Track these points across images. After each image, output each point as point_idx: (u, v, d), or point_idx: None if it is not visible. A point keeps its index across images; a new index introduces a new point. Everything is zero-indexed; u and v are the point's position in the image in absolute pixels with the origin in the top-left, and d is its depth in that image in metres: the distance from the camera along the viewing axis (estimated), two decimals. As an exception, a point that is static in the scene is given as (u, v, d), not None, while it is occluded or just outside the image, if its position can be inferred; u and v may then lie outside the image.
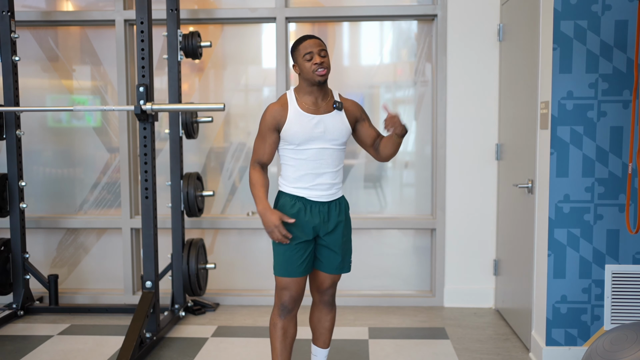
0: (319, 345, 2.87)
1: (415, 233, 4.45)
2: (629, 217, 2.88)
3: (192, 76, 4.48)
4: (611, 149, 3.03)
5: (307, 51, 2.55)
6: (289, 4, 4.29)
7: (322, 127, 2.58)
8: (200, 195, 4.15)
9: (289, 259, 2.62)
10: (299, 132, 2.56)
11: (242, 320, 4.03)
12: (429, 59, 4.34)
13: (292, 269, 2.62)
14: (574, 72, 3.02)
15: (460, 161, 4.21)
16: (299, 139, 2.57)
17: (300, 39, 2.61)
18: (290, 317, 2.69)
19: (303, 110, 2.58)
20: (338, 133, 2.60)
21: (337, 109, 2.62)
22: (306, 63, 2.55)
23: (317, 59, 2.53)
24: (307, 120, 2.57)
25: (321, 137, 2.58)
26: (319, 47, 2.56)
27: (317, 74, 2.53)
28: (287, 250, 2.62)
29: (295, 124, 2.57)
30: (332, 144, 2.60)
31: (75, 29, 4.51)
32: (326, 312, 2.82)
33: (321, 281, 2.75)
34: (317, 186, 2.61)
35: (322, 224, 2.63)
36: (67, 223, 4.47)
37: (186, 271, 4.03)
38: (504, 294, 4.02)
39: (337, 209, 2.68)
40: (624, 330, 2.45)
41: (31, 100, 4.46)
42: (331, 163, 2.61)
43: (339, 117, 2.62)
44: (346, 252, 2.73)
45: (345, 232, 2.71)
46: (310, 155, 2.59)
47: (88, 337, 3.71)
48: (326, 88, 2.64)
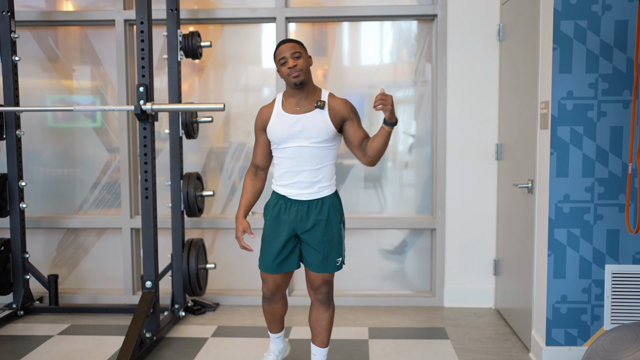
0: (318, 345, 2.90)
1: (415, 233, 4.45)
2: (629, 217, 2.88)
3: (192, 76, 4.48)
4: (611, 149, 3.03)
5: (281, 57, 2.66)
6: (289, 4, 4.29)
7: (301, 125, 2.66)
8: (200, 195, 4.15)
9: (266, 255, 2.79)
10: (278, 131, 2.69)
11: (242, 320, 4.03)
12: (429, 59, 4.34)
13: (267, 265, 2.79)
14: (574, 72, 3.02)
15: (460, 161, 4.21)
16: (279, 138, 2.69)
17: (277, 45, 2.72)
18: (273, 302, 2.92)
19: (284, 111, 2.71)
20: (317, 131, 2.66)
21: (319, 107, 2.67)
22: (282, 68, 2.67)
23: (290, 62, 2.63)
24: (287, 119, 2.69)
25: (298, 135, 2.66)
26: (291, 51, 2.64)
27: (291, 77, 2.63)
28: (266, 246, 2.79)
29: (276, 123, 2.71)
30: (310, 142, 2.67)
31: (75, 29, 4.51)
32: (322, 310, 2.86)
33: (311, 279, 2.82)
34: (295, 184, 2.70)
35: (300, 222, 2.71)
36: (67, 223, 4.47)
37: (186, 271, 4.03)
38: (504, 294, 4.02)
39: (317, 208, 2.72)
40: (623, 330, 2.45)
41: (31, 100, 4.46)
42: (310, 161, 2.68)
43: (320, 116, 2.68)
44: (330, 251, 2.74)
45: (326, 231, 2.73)
46: (289, 153, 2.69)
47: (88, 337, 3.71)
48: (310, 88, 2.71)
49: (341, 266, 2.81)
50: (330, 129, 2.68)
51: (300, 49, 2.66)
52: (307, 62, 2.68)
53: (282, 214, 2.73)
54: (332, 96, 2.74)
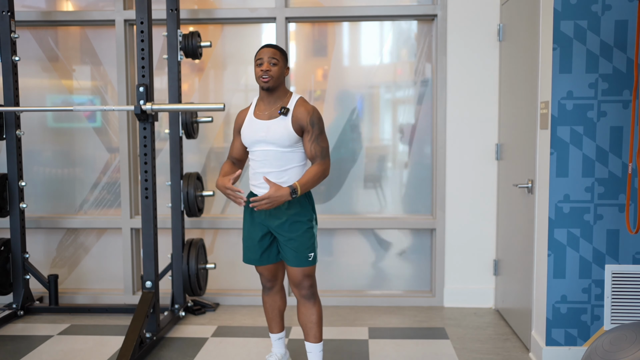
0: (311, 341, 2.94)
1: (415, 233, 4.45)
2: (629, 217, 2.88)
3: (192, 76, 4.48)
4: (611, 149, 3.03)
5: (259, 57, 2.78)
6: (289, 4, 4.29)
7: (265, 131, 2.78)
8: (200, 195, 4.15)
9: (248, 251, 2.97)
10: (247, 135, 2.84)
11: (242, 320, 4.03)
12: (429, 59, 4.34)
13: (253, 259, 2.97)
14: (574, 72, 3.03)
15: (460, 161, 4.21)
16: (247, 141, 2.85)
17: (261, 47, 2.83)
18: (273, 292, 3.08)
19: (254, 116, 2.86)
20: (279, 137, 2.76)
21: (282, 114, 2.77)
22: (256, 68, 2.79)
23: (264, 66, 2.75)
24: (255, 124, 2.83)
25: (263, 140, 2.79)
26: (270, 55, 2.76)
27: (261, 79, 2.76)
28: (247, 243, 2.96)
29: (246, 127, 2.86)
30: (274, 146, 2.78)
31: (75, 29, 4.51)
32: (309, 306, 2.93)
33: (291, 274, 2.90)
34: (262, 184, 2.81)
35: (268, 220, 2.85)
36: (67, 223, 4.47)
37: (186, 271, 4.03)
38: (504, 294, 4.02)
39: (284, 206, 2.81)
40: (623, 330, 2.45)
41: (31, 100, 4.46)
42: (275, 164, 2.79)
43: (283, 123, 2.78)
44: (299, 246, 2.84)
45: (294, 227, 2.83)
46: (256, 155, 2.83)
47: (88, 337, 3.71)
48: (279, 94, 2.83)
49: (314, 261, 2.88)
50: (291, 136, 2.77)
51: (279, 57, 2.78)
52: (281, 71, 2.79)
53: (254, 212, 2.88)
54: (300, 102, 2.82)
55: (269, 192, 2.70)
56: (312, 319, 2.92)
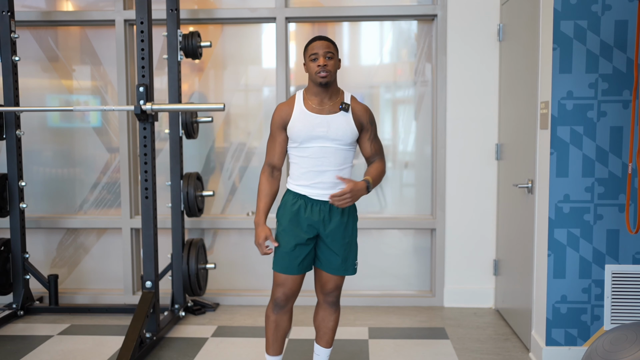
0: (322, 345, 2.88)
1: (415, 233, 4.45)
2: (629, 217, 2.88)
3: (192, 76, 4.48)
4: (611, 149, 3.03)
5: (313, 52, 2.60)
6: (289, 4, 4.29)
7: (325, 126, 2.61)
8: (200, 195, 4.15)
9: (287, 257, 2.67)
10: (301, 130, 2.61)
11: (242, 320, 4.03)
12: (429, 59, 4.34)
13: (290, 267, 2.67)
14: (574, 72, 3.03)
15: (460, 161, 4.21)
16: (301, 136, 2.62)
17: (311, 39, 2.65)
18: (283, 312, 2.76)
19: (307, 110, 2.64)
20: (342, 133, 2.62)
21: (344, 110, 2.63)
22: (311, 64, 2.61)
23: (320, 60, 2.57)
24: (311, 119, 2.62)
25: (324, 136, 2.61)
26: (325, 49, 2.59)
27: (319, 76, 2.58)
28: (286, 248, 2.66)
29: (298, 121, 2.62)
30: (335, 143, 2.62)
31: (75, 29, 4.51)
32: (330, 312, 2.84)
33: (324, 282, 2.76)
34: (318, 184, 2.63)
35: (322, 223, 2.65)
36: (67, 223, 4.47)
37: (186, 271, 4.03)
38: (504, 294, 4.02)
39: (339, 209, 2.66)
40: (623, 330, 2.45)
41: (31, 100, 4.46)
42: (334, 162, 2.63)
43: (345, 118, 2.64)
44: (349, 254, 2.72)
45: (346, 234, 2.70)
46: (311, 152, 2.62)
47: (88, 337, 3.71)
48: (334, 89, 2.67)
49: (356, 270, 2.77)
50: (354, 132, 2.66)
51: (334, 50, 2.62)
52: (336, 64, 2.63)
53: (302, 213, 2.65)
54: (354, 99, 2.72)
55: (349, 187, 2.53)
56: (329, 325, 2.85)
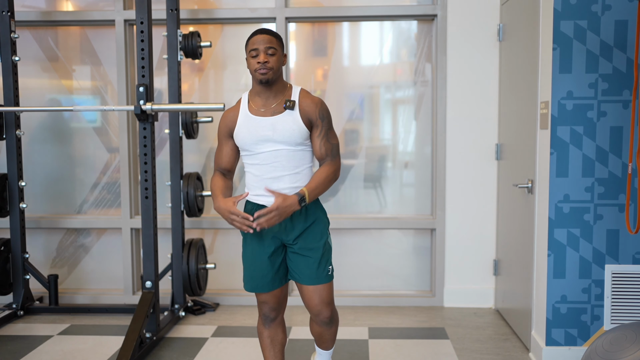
0: (323, 349, 2.81)
1: (415, 233, 4.45)
2: (628, 217, 2.88)
3: (192, 76, 4.48)
4: (611, 149, 3.03)
5: (253, 47, 2.40)
6: (289, 4, 4.29)
7: (270, 129, 2.41)
8: (200, 195, 4.15)
9: (256, 275, 2.51)
10: (246, 136, 2.44)
11: (242, 320, 4.03)
12: (429, 59, 4.34)
13: (261, 285, 2.52)
14: (574, 72, 3.02)
15: (460, 161, 4.21)
16: (248, 143, 2.44)
17: (252, 34, 2.44)
18: (275, 324, 2.64)
19: (251, 113, 2.46)
20: (289, 134, 2.41)
21: (288, 108, 2.42)
22: (251, 60, 2.41)
23: (261, 57, 2.37)
24: (255, 123, 2.43)
25: (270, 139, 2.41)
26: (266, 44, 2.38)
27: (258, 73, 2.38)
28: (254, 265, 2.51)
29: (243, 128, 2.45)
30: (284, 145, 2.42)
31: (75, 29, 4.51)
32: (326, 328, 2.66)
33: (307, 298, 2.54)
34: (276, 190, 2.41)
35: (284, 231, 2.46)
36: (67, 223, 4.47)
37: (186, 271, 4.03)
38: (504, 294, 4.02)
39: (302, 215, 2.46)
40: (623, 330, 2.45)
41: (31, 100, 4.46)
42: (287, 165, 2.43)
43: (291, 117, 2.42)
44: (319, 260, 2.49)
45: (314, 239, 2.49)
46: (262, 158, 2.44)
47: (88, 337, 3.71)
48: (279, 86, 2.46)
49: (332, 275, 2.55)
50: (303, 131, 2.43)
51: (277, 44, 2.41)
52: (280, 61, 2.42)
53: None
54: (304, 94, 2.48)
55: (275, 203, 2.31)
56: (326, 337, 2.70)
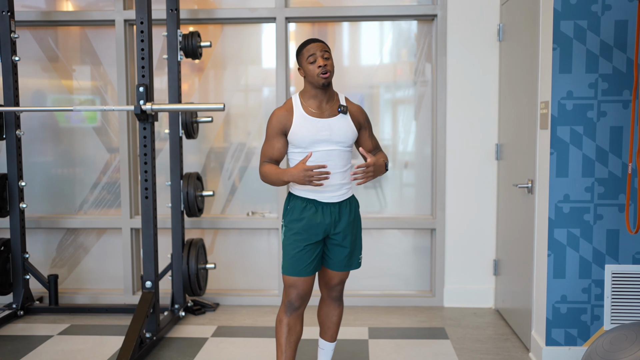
0: (327, 339, 2.94)
1: (415, 233, 4.45)
2: (628, 217, 2.88)
3: (192, 76, 4.48)
4: (611, 149, 3.03)
5: (310, 53, 2.62)
6: (289, 4, 4.29)
7: (328, 130, 2.64)
8: (200, 195, 4.15)
9: (298, 259, 2.68)
10: (305, 135, 2.63)
11: (242, 320, 4.03)
12: (429, 59, 4.34)
13: (301, 269, 2.68)
14: (574, 72, 3.03)
15: (460, 161, 4.21)
16: (306, 142, 2.63)
17: (304, 43, 2.68)
18: (296, 314, 2.74)
19: (308, 114, 2.65)
20: (344, 135, 2.66)
21: (342, 112, 2.68)
22: (310, 66, 2.62)
23: (320, 61, 2.59)
24: (313, 123, 2.64)
25: (327, 139, 2.64)
26: (322, 50, 2.62)
27: (321, 77, 2.59)
28: (297, 250, 2.68)
29: (301, 127, 2.64)
30: (339, 145, 2.66)
31: (75, 29, 4.51)
32: (334, 307, 2.89)
33: (329, 278, 2.81)
34: (327, 187, 2.66)
35: (333, 224, 2.69)
36: (67, 223, 4.47)
37: (186, 271, 4.03)
38: (504, 294, 4.02)
39: (347, 208, 2.73)
40: (623, 330, 2.45)
41: (31, 100, 4.46)
42: (339, 164, 2.66)
43: (345, 120, 2.68)
44: (355, 249, 2.78)
45: (354, 231, 2.77)
46: (318, 157, 2.64)
47: (88, 337, 3.71)
48: (331, 91, 2.70)
49: (361, 263, 2.85)
50: (355, 133, 2.71)
51: (329, 50, 2.66)
52: (333, 65, 2.66)
53: (314, 218, 2.66)
54: (348, 100, 2.78)
55: (371, 160, 2.59)
56: (333, 320, 2.91)
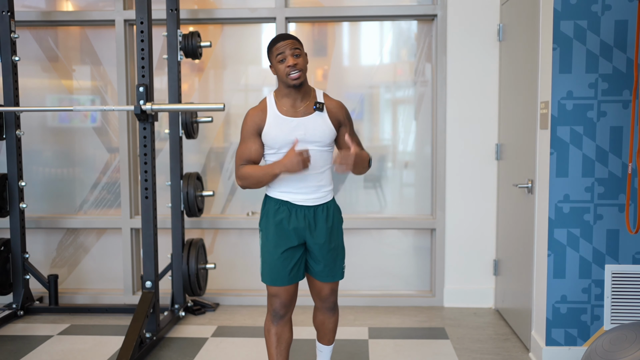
0: (325, 343, 2.89)
1: (415, 233, 4.45)
2: (628, 217, 2.88)
3: (192, 76, 4.48)
4: (611, 149, 3.03)
5: (279, 52, 2.47)
6: (288, 4, 4.29)
7: (302, 129, 2.51)
8: (200, 195, 4.15)
9: (275, 267, 2.57)
10: (278, 135, 2.51)
11: (242, 320, 4.03)
12: (429, 59, 4.34)
13: (280, 278, 2.58)
14: (574, 72, 3.03)
15: (460, 161, 4.21)
16: (279, 142, 2.51)
17: (273, 40, 2.53)
18: (283, 322, 2.68)
19: (281, 114, 2.53)
20: (320, 135, 2.53)
21: (318, 110, 2.52)
22: (279, 65, 2.48)
23: (289, 60, 2.45)
24: (286, 123, 2.51)
25: (302, 139, 2.50)
26: (291, 48, 2.47)
27: (290, 78, 2.46)
28: (274, 258, 2.57)
29: (274, 127, 2.52)
30: (315, 145, 2.52)
31: (75, 29, 4.51)
32: (329, 315, 2.81)
33: (319, 289, 2.70)
34: (301, 190, 2.54)
35: (308, 229, 2.57)
36: (67, 223, 4.47)
37: (186, 271, 4.03)
38: (504, 294, 4.02)
39: (324, 213, 2.59)
40: (623, 330, 2.45)
41: (31, 100, 4.46)
42: (314, 165, 2.52)
43: (321, 119, 2.54)
44: (336, 258, 2.64)
45: (333, 238, 2.62)
46: None
47: (88, 337, 3.71)
48: (306, 89, 2.55)
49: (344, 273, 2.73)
50: (332, 132, 2.56)
51: (300, 46, 2.50)
52: (305, 61, 2.51)
53: (287, 221, 2.56)
54: (326, 97, 2.62)
55: (354, 149, 2.43)
56: (329, 327, 2.82)
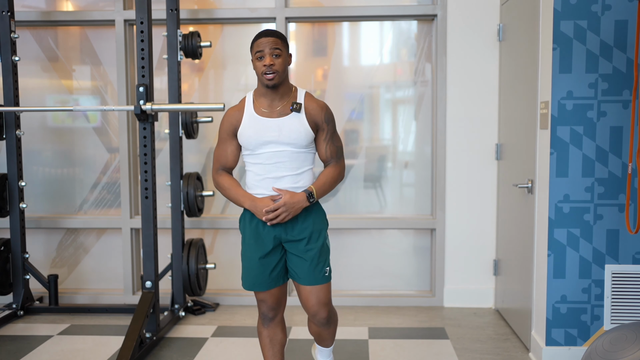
0: (323, 346, 2.83)
1: (415, 233, 4.45)
2: (628, 217, 2.88)
3: (192, 76, 4.48)
4: (611, 149, 3.03)
5: (258, 49, 2.39)
6: (288, 4, 4.29)
7: (276, 130, 2.43)
8: (200, 195, 4.15)
9: (254, 273, 2.53)
10: (251, 136, 2.45)
11: (242, 320, 4.03)
12: (429, 59, 4.34)
13: (259, 283, 2.53)
14: (574, 72, 3.03)
15: (460, 161, 4.21)
16: (252, 143, 2.46)
17: (256, 35, 2.43)
18: (274, 324, 2.64)
19: (257, 114, 2.47)
20: (295, 136, 2.44)
21: (295, 110, 2.44)
22: (256, 62, 2.40)
23: (267, 59, 2.36)
24: (261, 123, 2.45)
25: (275, 140, 2.43)
26: (271, 46, 2.37)
27: (265, 77, 2.38)
28: (252, 264, 2.52)
29: (248, 128, 2.46)
30: (289, 146, 2.45)
31: (75, 29, 4.51)
32: (324, 329, 2.68)
33: (305, 298, 2.56)
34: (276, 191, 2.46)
35: (284, 231, 2.49)
36: (67, 223, 4.47)
37: (186, 271, 4.03)
38: (504, 294, 4.02)
39: (302, 216, 2.49)
40: (623, 330, 2.45)
41: (31, 100, 4.46)
42: (290, 166, 2.45)
43: (298, 120, 2.45)
44: (318, 262, 2.51)
45: (312, 240, 2.51)
46: (265, 158, 2.45)
47: (88, 337, 3.71)
48: (284, 88, 2.47)
49: (329, 277, 2.57)
50: (309, 134, 2.47)
51: (282, 46, 2.40)
52: (286, 62, 2.41)
53: (261, 225, 2.49)
54: (309, 97, 2.52)
55: (283, 200, 2.38)
56: (325, 336, 2.73)
